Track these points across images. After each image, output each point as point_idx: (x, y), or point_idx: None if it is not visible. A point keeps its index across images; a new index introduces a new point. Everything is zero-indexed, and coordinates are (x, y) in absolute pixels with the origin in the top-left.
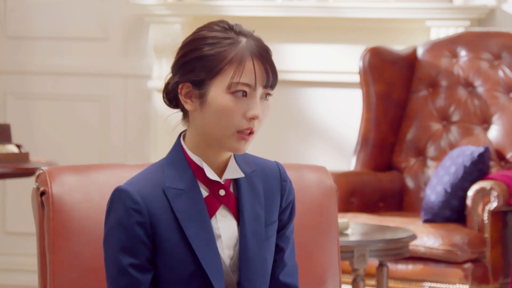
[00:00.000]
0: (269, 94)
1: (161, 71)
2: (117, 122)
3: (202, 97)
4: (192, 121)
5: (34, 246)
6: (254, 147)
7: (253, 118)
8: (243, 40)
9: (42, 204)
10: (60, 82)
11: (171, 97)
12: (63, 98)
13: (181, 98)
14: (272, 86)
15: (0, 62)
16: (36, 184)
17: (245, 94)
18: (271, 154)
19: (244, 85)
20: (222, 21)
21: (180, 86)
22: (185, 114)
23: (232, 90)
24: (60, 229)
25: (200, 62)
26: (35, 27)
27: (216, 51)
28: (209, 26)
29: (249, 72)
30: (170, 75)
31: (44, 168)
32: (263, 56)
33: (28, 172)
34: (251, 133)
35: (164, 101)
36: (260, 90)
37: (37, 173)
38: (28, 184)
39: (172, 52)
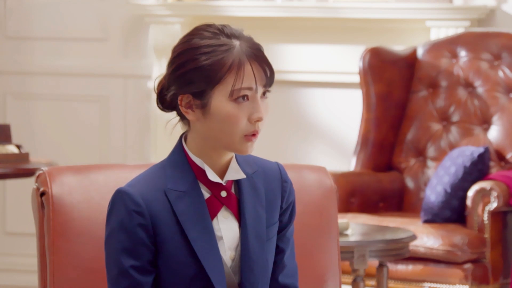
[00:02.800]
0: (267, 91)
1: (161, 71)
2: (117, 122)
3: (204, 107)
4: (194, 128)
5: (34, 246)
6: (254, 147)
7: (258, 121)
8: (237, 43)
9: (42, 205)
10: (60, 82)
11: (166, 104)
12: (63, 98)
13: (182, 109)
14: (271, 84)
15: (0, 62)
16: (36, 184)
17: (246, 97)
18: (271, 154)
19: (246, 89)
20: (210, 25)
21: (179, 98)
22: (183, 117)
23: (235, 96)
24: (60, 230)
25: (198, 73)
26: (35, 27)
27: (213, 60)
28: (198, 33)
29: (249, 76)
30: (159, 79)
31: (44, 168)
32: (259, 56)
33: (28, 173)
34: (255, 134)
35: (159, 107)
36: (260, 91)
37: (37, 174)
38: (28, 185)
39: None
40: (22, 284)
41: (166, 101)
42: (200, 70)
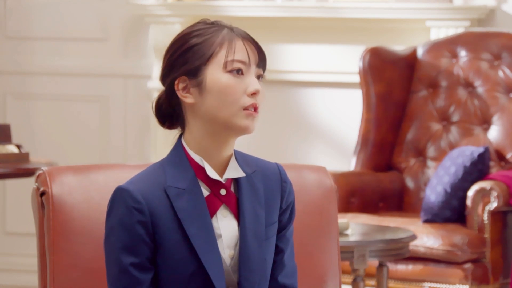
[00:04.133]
0: (261, 76)
1: None
2: (117, 122)
3: (200, 84)
4: (194, 114)
5: (34, 246)
6: (254, 147)
7: (254, 93)
8: (226, 28)
9: (42, 204)
10: (60, 82)
11: (164, 112)
12: (63, 98)
13: (179, 94)
14: (264, 67)
15: (0, 62)
16: (36, 184)
17: (241, 72)
18: (271, 154)
19: (239, 62)
20: (204, 19)
21: (176, 83)
22: (181, 123)
23: (228, 68)
24: (60, 229)
25: (190, 52)
26: (35, 27)
27: (204, 38)
28: (191, 26)
29: (241, 50)
30: (156, 99)
31: (44, 168)
32: (250, 38)
33: (28, 172)
34: (255, 109)
35: (158, 119)
36: (254, 69)
37: (37, 173)
38: (28, 184)
39: None
40: (22, 284)
41: (161, 107)
42: (192, 49)
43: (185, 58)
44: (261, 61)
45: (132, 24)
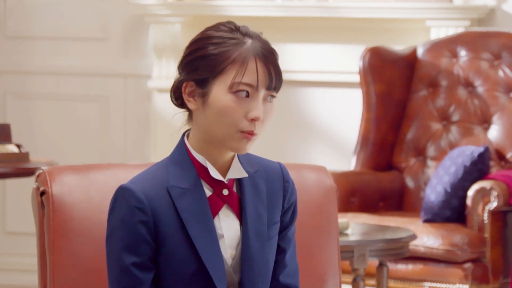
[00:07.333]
0: (273, 96)
1: (161, 71)
2: (117, 122)
3: (204, 96)
4: (196, 120)
5: (34, 246)
6: (254, 146)
7: (254, 120)
8: (249, 41)
9: (42, 204)
10: (60, 82)
11: (178, 96)
12: (63, 98)
13: (185, 96)
14: (276, 89)
15: (0, 62)
16: (36, 184)
17: (247, 94)
18: (271, 154)
19: (246, 85)
20: (230, 22)
21: (184, 85)
22: (190, 113)
23: (234, 90)
24: (60, 229)
25: (203, 61)
26: (35, 27)
27: (220, 50)
28: (216, 26)
29: (252, 72)
30: (178, 74)
31: (44, 168)
32: (267, 57)
33: (28, 172)
34: (252, 133)
35: (172, 100)
36: (262, 92)
37: (37, 173)
38: (28, 184)
39: (172, 52)
40: (22, 284)
41: (176, 92)
42: (205, 59)
43: (197, 65)
44: (274, 83)
45: (132, 24)
